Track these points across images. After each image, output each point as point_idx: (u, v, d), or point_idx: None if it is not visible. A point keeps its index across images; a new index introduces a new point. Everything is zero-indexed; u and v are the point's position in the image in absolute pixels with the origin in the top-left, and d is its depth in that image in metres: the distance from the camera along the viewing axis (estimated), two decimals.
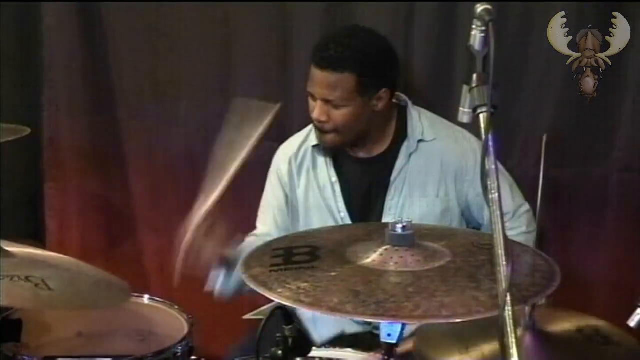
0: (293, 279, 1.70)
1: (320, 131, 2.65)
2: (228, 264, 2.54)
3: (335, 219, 2.70)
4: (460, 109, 1.68)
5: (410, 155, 2.66)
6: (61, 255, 2.51)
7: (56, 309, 2.50)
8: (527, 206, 2.68)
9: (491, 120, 1.55)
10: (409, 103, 2.73)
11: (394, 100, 2.70)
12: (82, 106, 3.63)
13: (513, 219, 2.64)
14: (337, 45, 2.56)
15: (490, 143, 1.54)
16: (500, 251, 1.45)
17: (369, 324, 2.62)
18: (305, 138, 2.80)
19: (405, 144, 2.67)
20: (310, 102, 2.63)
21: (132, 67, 3.52)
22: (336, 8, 3.04)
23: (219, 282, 2.59)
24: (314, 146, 2.75)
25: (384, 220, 2.64)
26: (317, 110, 2.59)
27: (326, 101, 2.57)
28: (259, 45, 3.22)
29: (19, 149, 3.48)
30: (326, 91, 2.55)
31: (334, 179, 2.73)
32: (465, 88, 1.65)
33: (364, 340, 2.59)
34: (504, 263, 1.44)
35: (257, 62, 3.24)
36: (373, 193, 2.71)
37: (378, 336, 1.96)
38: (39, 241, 3.65)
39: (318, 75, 2.57)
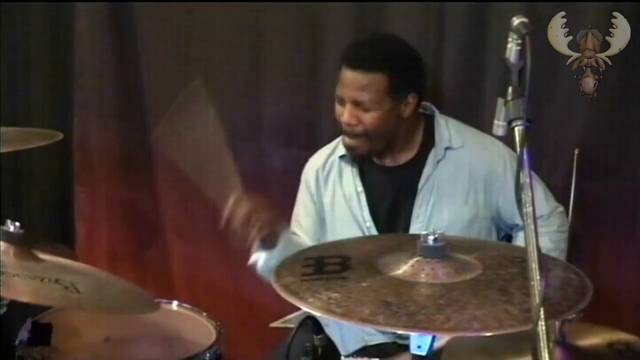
0: (324, 288, 1.70)
1: (350, 136, 2.63)
2: (270, 244, 2.53)
3: (361, 228, 2.69)
4: (495, 121, 1.67)
5: (437, 162, 2.65)
6: (90, 266, 2.53)
7: (84, 310, 2.53)
8: (561, 207, 2.67)
9: (527, 133, 1.55)
10: (436, 112, 2.73)
11: (420, 110, 2.69)
12: (112, 111, 3.65)
13: (547, 220, 2.64)
14: (369, 46, 2.61)
15: (525, 156, 1.53)
16: (534, 265, 1.44)
17: (393, 333, 2.61)
18: (332, 150, 2.80)
19: (433, 151, 2.66)
20: (338, 107, 2.62)
21: (162, 72, 3.53)
22: (366, 16, 3.04)
23: (260, 260, 2.57)
24: (341, 157, 2.75)
25: (412, 228, 2.63)
26: (346, 113, 2.58)
27: (356, 103, 2.56)
28: (288, 52, 3.22)
29: (50, 153, 3.52)
30: (357, 92, 2.55)
31: (360, 188, 2.72)
32: (500, 101, 1.64)
33: (388, 350, 2.59)
34: (538, 277, 1.43)
35: (287, 69, 3.24)
36: (400, 201, 2.69)
37: (402, 346, 1.96)
38: (68, 245, 3.68)
39: (349, 76, 2.56)
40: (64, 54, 3.69)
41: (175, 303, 2.69)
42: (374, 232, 2.67)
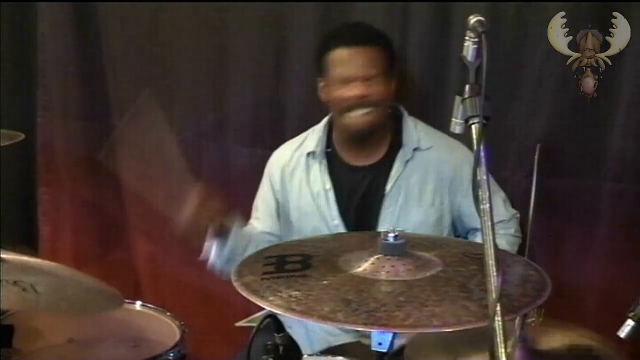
0: (285, 287, 1.71)
1: (361, 107, 2.60)
2: (222, 234, 2.55)
3: (329, 226, 2.69)
4: (453, 119, 1.69)
5: (406, 162, 2.66)
6: (54, 263, 2.50)
7: (42, 312, 2.51)
8: (518, 214, 2.74)
9: (483, 131, 1.56)
10: (405, 113, 2.74)
11: (389, 110, 2.71)
12: (76, 112, 3.64)
13: (507, 224, 2.69)
14: (361, 25, 2.70)
15: (482, 154, 1.54)
16: (491, 261, 1.46)
17: (357, 332, 2.62)
18: (299, 144, 2.79)
19: (401, 152, 2.67)
20: (342, 89, 2.60)
21: (126, 73, 3.52)
22: (331, 17, 3.04)
23: (212, 251, 2.59)
24: (308, 153, 2.75)
25: (379, 229, 2.62)
26: (359, 87, 2.57)
27: (365, 79, 2.57)
28: (253, 53, 3.22)
29: (12, 154, 3.49)
30: (365, 67, 2.57)
31: (328, 185, 2.71)
32: (457, 99, 1.66)
33: (353, 350, 2.59)
34: (495, 273, 1.44)
35: (252, 70, 3.24)
36: (368, 202, 2.69)
37: (367, 345, 1.96)
38: (31, 246, 3.66)
39: (353, 54, 2.58)
40: (27, 54, 3.67)
41: (139, 303, 2.69)
42: (341, 230, 2.67)
